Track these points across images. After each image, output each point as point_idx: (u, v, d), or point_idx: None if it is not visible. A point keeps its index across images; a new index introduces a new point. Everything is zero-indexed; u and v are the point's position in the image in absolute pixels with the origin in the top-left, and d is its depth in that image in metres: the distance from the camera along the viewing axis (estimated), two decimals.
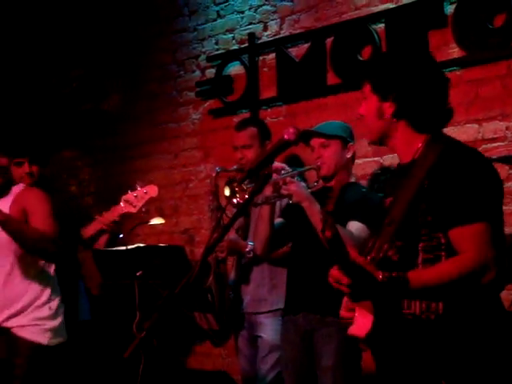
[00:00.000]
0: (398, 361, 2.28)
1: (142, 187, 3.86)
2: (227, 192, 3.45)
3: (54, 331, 3.49)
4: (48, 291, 3.53)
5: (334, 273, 2.21)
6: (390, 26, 4.57)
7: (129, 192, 3.85)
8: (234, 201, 3.37)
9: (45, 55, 6.67)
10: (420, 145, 2.35)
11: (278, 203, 3.76)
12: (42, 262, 3.52)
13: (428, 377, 2.23)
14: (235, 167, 4.20)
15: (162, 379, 4.83)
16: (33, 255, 3.43)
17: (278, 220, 3.73)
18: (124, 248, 3.67)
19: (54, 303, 3.53)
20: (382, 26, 4.62)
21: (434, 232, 2.25)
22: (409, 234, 2.28)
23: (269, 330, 4.01)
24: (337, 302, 2.43)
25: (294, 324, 3.58)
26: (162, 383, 4.84)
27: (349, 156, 3.65)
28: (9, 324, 3.46)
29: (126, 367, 4.41)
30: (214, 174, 4.19)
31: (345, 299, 2.39)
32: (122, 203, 3.83)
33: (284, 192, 3.37)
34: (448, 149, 2.30)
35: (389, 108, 2.38)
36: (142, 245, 3.90)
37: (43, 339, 3.47)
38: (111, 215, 3.84)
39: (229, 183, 3.45)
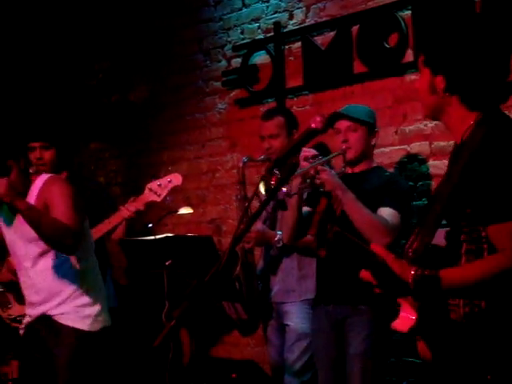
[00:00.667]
0: (444, 355, 2.22)
1: (166, 176, 3.87)
2: (262, 189, 3.46)
3: (94, 317, 3.51)
4: (87, 279, 3.56)
5: (364, 274, 2.17)
6: (416, 13, 4.54)
7: (153, 181, 3.86)
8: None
9: (71, 48, 6.70)
10: (471, 123, 2.21)
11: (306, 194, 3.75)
12: (80, 252, 3.53)
13: (474, 372, 2.16)
14: (262, 157, 4.20)
15: (190, 368, 4.87)
16: (50, 246, 3.43)
17: (305, 209, 3.72)
18: (153, 238, 3.68)
19: (94, 291, 3.55)
20: (408, 12, 4.58)
21: (474, 225, 2.15)
22: (451, 225, 2.22)
23: (296, 318, 4.02)
24: (368, 291, 2.42)
25: (325, 313, 3.58)
26: (191, 372, 4.87)
27: (373, 143, 3.65)
28: (51, 312, 3.50)
29: (155, 356, 4.44)
30: (240, 164, 4.19)
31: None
32: (146, 192, 3.85)
33: (317, 181, 3.36)
34: (491, 132, 2.14)
35: (440, 82, 2.24)
36: (170, 234, 3.92)
37: (84, 325, 3.49)
38: (136, 204, 3.86)
39: (264, 179, 3.44)
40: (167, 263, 3.67)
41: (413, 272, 2.09)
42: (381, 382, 3.50)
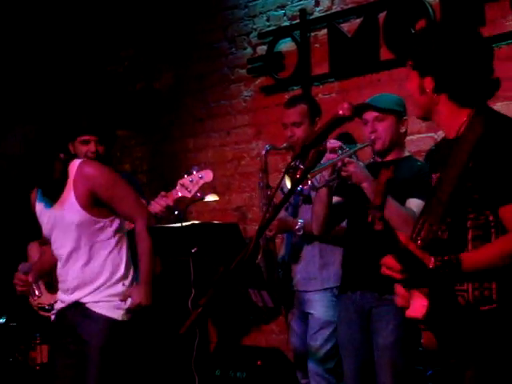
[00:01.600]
0: (455, 341, 2.26)
1: (197, 172, 3.86)
2: (288, 183, 3.45)
3: (126, 307, 3.52)
4: (122, 268, 3.56)
5: (387, 260, 2.21)
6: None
7: (185, 176, 3.85)
8: (299, 188, 3.36)
9: (97, 35, 6.72)
10: (464, 119, 2.32)
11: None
12: (115, 241, 3.56)
13: (483, 357, 2.23)
14: (285, 145, 4.18)
15: (216, 355, 4.89)
16: None
17: (335, 199, 3.69)
18: (179, 225, 3.69)
19: (128, 280, 3.56)
20: None
21: (481, 210, 2.23)
22: (456, 213, 2.25)
23: (319, 306, 4.01)
24: (394, 281, 2.41)
25: (351, 302, 3.57)
26: (216, 359, 4.89)
27: (403, 131, 3.60)
28: (84, 299, 3.52)
29: (181, 343, 4.46)
30: (263, 152, 4.18)
31: (397, 287, 2.36)
32: (177, 188, 3.85)
33: (344, 174, 3.33)
34: (492, 123, 2.26)
35: (429, 83, 2.36)
36: (197, 222, 3.92)
37: (116, 314, 3.49)
38: (166, 200, 3.86)
39: (288, 172, 3.42)
40: (193, 250, 3.67)
41: (433, 262, 2.16)
42: (410, 373, 3.49)
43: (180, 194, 3.81)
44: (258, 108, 5.69)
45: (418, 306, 2.22)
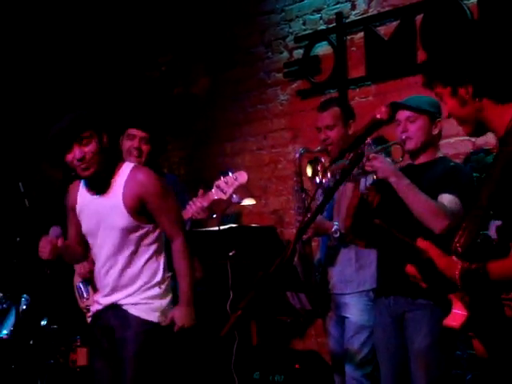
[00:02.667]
0: (499, 352, 2.20)
1: (232, 174, 3.89)
2: (309, 172, 3.44)
3: (163, 310, 3.52)
4: (160, 274, 3.55)
5: (410, 269, 2.17)
6: (482, 1, 4.47)
7: (221, 178, 3.88)
8: (317, 180, 3.36)
9: (135, 41, 6.79)
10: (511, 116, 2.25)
11: (362, 180, 3.73)
12: (155, 247, 3.55)
13: None
14: (319, 148, 4.18)
15: (254, 358, 4.90)
16: None
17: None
18: (217, 228, 3.72)
19: (164, 284, 3.55)
20: (474, 0, 4.51)
21: None
22: (501, 215, 2.19)
23: (355, 310, 4.00)
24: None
25: (386, 307, 3.55)
26: (255, 362, 4.90)
27: (436, 132, 3.56)
28: (122, 302, 3.52)
29: (220, 346, 4.48)
30: (297, 156, 4.19)
31: None
32: (213, 190, 3.87)
33: (368, 168, 3.32)
34: None
35: (465, 93, 2.28)
36: (234, 225, 3.95)
37: (153, 317, 3.49)
38: (202, 201, 3.88)
39: (311, 162, 3.43)
40: (231, 254, 3.70)
41: (459, 267, 2.08)
42: (446, 378, 3.46)
43: (216, 197, 3.84)
44: (294, 112, 5.70)
45: (456, 314, 2.17)
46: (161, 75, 6.81)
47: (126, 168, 3.51)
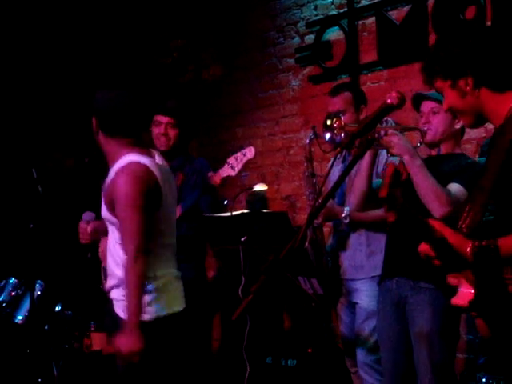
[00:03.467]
0: (503, 330, 2.24)
1: (241, 150, 3.91)
2: (328, 122, 3.41)
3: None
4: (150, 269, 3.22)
5: (423, 247, 2.20)
6: None
7: (231, 155, 3.91)
8: (328, 135, 3.34)
9: (145, 27, 6.79)
10: (511, 104, 2.29)
11: (379, 162, 3.73)
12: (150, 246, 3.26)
13: None
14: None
15: (265, 343, 4.92)
16: None
17: (378, 180, 3.68)
18: (229, 214, 3.73)
19: (149, 279, 3.22)
20: None
21: None
22: (501, 200, 2.22)
23: (365, 296, 4.01)
24: (431, 268, 2.40)
25: (389, 291, 3.55)
26: (267, 347, 4.93)
27: (458, 127, 3.51)
28: (111, 295, 3.32)
29: (232, 330, 4.51)
30: (307, 141, 4.18)
31: None
32: (224, 166, 3.90)
33: (384, 143, 3.31)
34: None
35: (465, 84, 2.34)
36: (246, 211, 3.96)
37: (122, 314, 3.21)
38: (214, 179, 3.90)
39: (331, 116, 3.40)
40: (243, 239, 3.71)
41: (470, 244, 2.13)
42: (450, 363, 3.46)
43: (226, 173, 3.86)
44: (306, 97, 5.70)
45: (464, 293, 2.20)
46: (172, 61, 6.80)
47: (123, 161, 3.21)
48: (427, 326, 3.38)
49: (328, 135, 3.34)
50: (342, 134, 3.29)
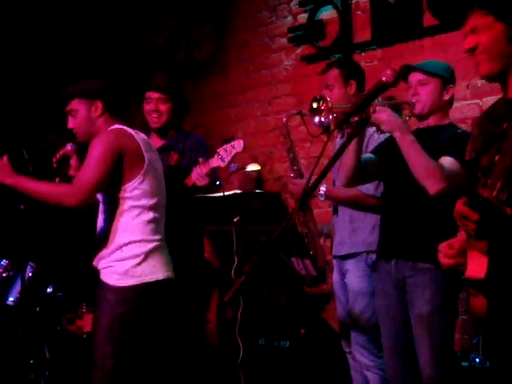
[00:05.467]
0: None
1: (231, 142, 3.94)
2: (315, 105, 3.38)
3: (126, 271, 3.35)
4: (128, 236, 3.40)
5: (461, 208, 2.05)
6: None
7: (222, 145, 3.93)
8: (317, 119, 3.31)
9: (136, 6, 6.72)
10: None
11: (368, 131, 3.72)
12: (137, 210, 3.43)
13: None
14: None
15: (259, 323, 4.91)
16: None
17: (367, 155, 3.66)
18: (221, 194, 3.70)
19: (128, 247, 3.40)
20: None
21: None
22: None
23: (353, 277, 4.03)
24: (428, 248, 2.37)
25: (387, 272, 3.54)
26: (260, 328, 4.91)
27: (447, 98, 3.51)
28: (98, 265, 3.46)
29: (225, 312, 4.50)
30: (284, 119, 4.26)
31: (444, 247, 2.31)
32: (214, 156, 3.93)
33: (374, 120, 3.26)
34: None
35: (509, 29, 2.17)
36: (239, 191, 3.93)
37: (119, 281, 3.37)
38: (204, 168, 3.91)
39: (317, 99, 3.37)
40: (235, 220, 3.69)
41: (510, 210, 2.03)
42: (449, 343, 3.45)
43: (215, 164, 3.89)
44: (299, 77, 5.66)
45: (476, 265, 2.11)
46: (165, 41, 6.74)
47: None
48: (427, 306, 3.38)
49: (316, 119, 3.30)
50: (331, 116, 3.25)
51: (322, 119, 3.27)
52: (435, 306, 3.38)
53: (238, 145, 3.92)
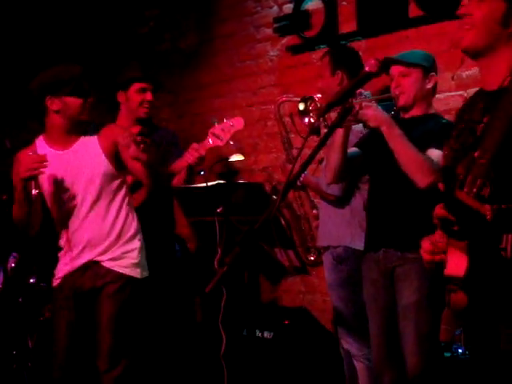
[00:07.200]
0: (493, 299, 2.17)
1: (228, 120, 3.86)
2: (301, 107, 3.38)
3: (142, 265, 3.55)
4: (135, 225, 3.57)
5: (440, 211, 2.10)
6: None
7: (216, 125, 3.85)
8: (306, 120, 3.31)
9: None
10: None
11: (353, 128, 3.72)
12: (125, 197, 3.57)
13: None
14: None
15: (242, 314, 4.91)
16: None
17: (352, 149, 3.65)
18: (204, 185, 3.69)
19: (140, 235, 3.58)
20: None
21: None
22: (504, 167, 2.12)
23: (325, 269, 4.10)
24: (417, 238, 2.36)
25: (375, 262, 3.54)
26: (243, 319, 4.91)
27: (429, 86, 3.49)
28: (99, 258, 3.52)
29: (208, 302, 4.49)
30: (276, 105, 4.27)
31: (426, 242, 2.30)
32: (209, 137, 3.85)
33: (361, 117, 3.26)
34: None
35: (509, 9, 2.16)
36: (222, 181, 3.92)
37: (133, 272, 3.52)
38: (199, 150, 3.85)
39: (304, 100, 3.37)
40: (218, 210, 3.67)
41: (489, 211, 2.03)
42: (435, 333, 3.46)
43: (212, 143, 3.80)
44: (284, 67, 5.64)
45: (456, 263, 2.12)
46: (149, 31, 6.70)
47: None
48: (414, 296, 3.38)
49: (306, 120, 3.30)
50: (321, 119, 3.26)
51: (312, 120, 3.28)
52: (422, 296, 3.38)
53: (238, 123, 3.86)
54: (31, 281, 5.06)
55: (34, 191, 3.37)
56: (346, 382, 4.19)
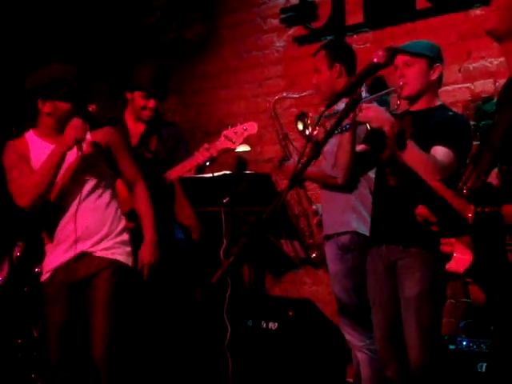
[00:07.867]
0: (500, 297, 2.18)
1: (242, 124, 3.95)
2: (300, 126, 3.41)
3: (133, 256, 3.68)
4: (123, 221, 3.73)
5: (422, 211, 2.11)
6: None
7: (229, 128, 3.94)
8: (307, 133, 3.33)
9: None
10: None
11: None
12: (113, 192, 3.71)
13: None
14: (305, 93, 4.23)
15: (247, 305, 4.92)
16: None
17: (360, 146, 3.65)
18: (211, 175, 3.70)
19: (127, 229, 3.71)
20: None
21: None
22: (507, 164, 2.12)
23: (328, 260, 4.12)
24: (419, 233, 2.36)
25: (379, 255, 3.54)
26: (248, 310, 4.92)
27: (434, 77, 3.46)
28: (92, 249, 3.57)
29: (213, 293, 4.49)
30: (271, 103, 4.28)
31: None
32: (221, 139, 3.94)
33: (361, 119, 3.23)
34: None
35: None
36: (228, 172, 3.92)
37: (127, 260, 3.63)
38: (211, 151, 3.94)
39: (300, 117, 3.40)
40: (224, 201, 3.68)
41: (472, 209, 2.03)
42: (437, 325, 3.46)
43: (224, 146, 3.90)
44: (290, 59, 5.62)
45: (459, 259, 2.12)
46: (156, 21, 6.68)
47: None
48: (416, 289, 3.38)
49: (307, 133, 3.32)
50: (318, 128, 3.26)
51: (312, 132, 3.29)
52: (424, 289, 3.38)
53: (252, 127, 3.96)
54: (36, 270, 5.07)
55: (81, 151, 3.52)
56: (354, 372, 4.20)
